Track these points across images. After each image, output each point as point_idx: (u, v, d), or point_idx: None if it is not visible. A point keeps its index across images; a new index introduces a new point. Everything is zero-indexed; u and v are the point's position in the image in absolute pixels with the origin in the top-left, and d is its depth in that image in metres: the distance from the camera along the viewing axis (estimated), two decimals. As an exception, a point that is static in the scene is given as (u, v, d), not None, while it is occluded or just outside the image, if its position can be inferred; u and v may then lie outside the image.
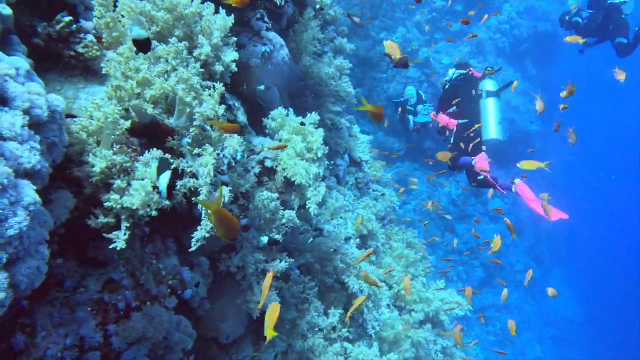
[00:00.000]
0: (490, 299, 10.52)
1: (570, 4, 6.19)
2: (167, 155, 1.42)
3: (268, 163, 2.43)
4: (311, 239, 2.91)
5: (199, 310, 1.89)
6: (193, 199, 1.50)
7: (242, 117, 2.44)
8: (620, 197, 23.68)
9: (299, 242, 2.89)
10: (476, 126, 4.26)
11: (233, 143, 1.69)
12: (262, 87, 2.77)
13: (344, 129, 4.31)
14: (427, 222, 6.63)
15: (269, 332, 1.33)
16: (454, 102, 4.62)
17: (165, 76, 1.45)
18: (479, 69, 4.91)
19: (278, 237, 2.08)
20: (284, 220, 2.14)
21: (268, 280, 1.51)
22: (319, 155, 2.28)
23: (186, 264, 1.84)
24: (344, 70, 4.25)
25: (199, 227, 1.63)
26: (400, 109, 6.05)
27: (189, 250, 1.63)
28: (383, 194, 4.85)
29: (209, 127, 1.50)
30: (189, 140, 1.48)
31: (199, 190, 1.48)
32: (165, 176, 1.35)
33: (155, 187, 1.35)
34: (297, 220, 2.20)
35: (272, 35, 2.62)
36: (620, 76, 3.76)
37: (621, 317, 19.12)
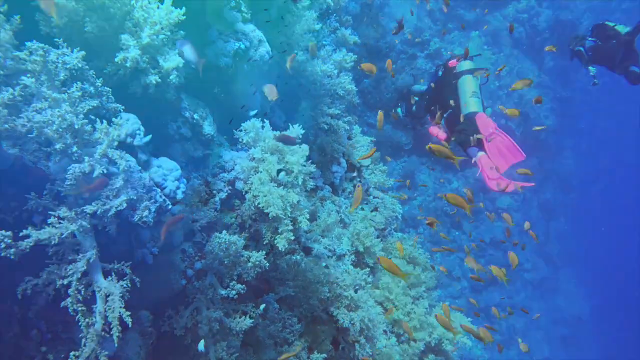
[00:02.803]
0: (497, 297, 10.16)
1: None
2: None
3: (239, 185, 2.03)
4: (294, 266, 2.51)
5: (138, 379, 1.52)
6: None
7: (209, 128, 2.03)
8: (631, 193, 22.97)
9: (280, 269, 2.50)
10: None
11: (168, 178, 1.28)
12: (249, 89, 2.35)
13: (342, 131, 3.86)
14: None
15: None
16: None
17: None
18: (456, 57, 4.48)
19: (240, 287, 1.68)
20: (249, 265, 1.74)
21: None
22: (299, 180, 1.86)
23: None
24: (347, 65, 3.80)
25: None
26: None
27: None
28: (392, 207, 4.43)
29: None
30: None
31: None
32: None
33: None
34: (266, 263, 1.80)
35: (249, 28, 2.18)
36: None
37: (632, 316, 18.72)
